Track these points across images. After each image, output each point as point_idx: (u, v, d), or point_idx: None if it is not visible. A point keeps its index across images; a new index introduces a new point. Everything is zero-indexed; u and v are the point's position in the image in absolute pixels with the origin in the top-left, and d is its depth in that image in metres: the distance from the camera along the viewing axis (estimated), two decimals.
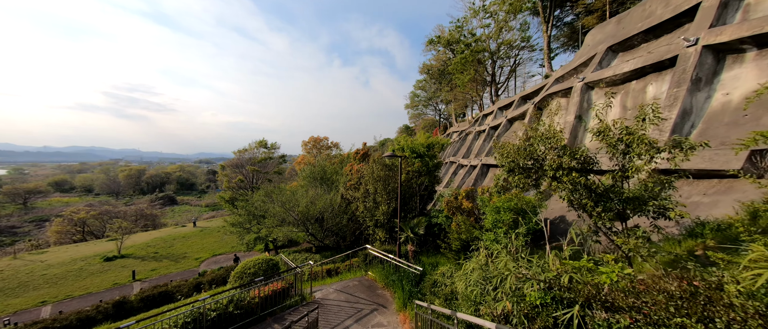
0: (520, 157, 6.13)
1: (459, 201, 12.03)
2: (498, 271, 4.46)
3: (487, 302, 4.30)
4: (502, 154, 6.37)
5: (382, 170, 14.89)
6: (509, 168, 6.57)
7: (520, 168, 6.26)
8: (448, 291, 6.54)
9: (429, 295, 7.60)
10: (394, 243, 14.16)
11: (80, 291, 22.90)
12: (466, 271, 5.63)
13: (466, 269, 5.76)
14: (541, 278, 3.43)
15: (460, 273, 5.77)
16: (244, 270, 10.82)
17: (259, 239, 26.77)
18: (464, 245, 9.46)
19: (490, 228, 7.94)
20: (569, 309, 3.14)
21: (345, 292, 10.22)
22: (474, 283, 4.82)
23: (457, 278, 5.78)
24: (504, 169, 6.70)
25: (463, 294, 5.14)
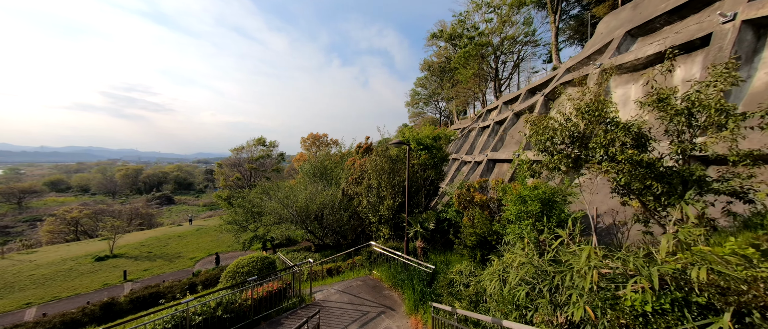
0: (559, 134, 5.17)
1: (471, 193, 11.07)
2: (553, 267, 3.52)
3: (540, 306, 3.37)
4: (538, 132, 5.41)
5: (387, 162, 13.93)
6: (542, 148, 5.61)
7: (558, 148, 5.30)
8: (471, 291, 5.58)
9: (446, 297, 6.65)
10: (399, 241, 13.20)
11: (68, 292, 21.85)
12: (497, 269, 4.69)
13: (495, 266, 4.82)
14: (651, 272, 2.46)
15: (490, 271, 4.83)
16: (237, 269, 9.84)
17: (257, 238, 25.77)
18: (481, 241, 8.50)
19: (514, 220, 6.98)
20: (715, 318, 2.14)
21: (348, 293, 9.25)
22: (517, 283, 3.88)
23: (486, 276, 4.85)
24: (536, 148, 5.73)
25: (497, 295, 4.21)
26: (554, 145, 5.32)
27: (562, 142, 5.23)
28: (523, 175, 7.27)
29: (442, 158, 15.53)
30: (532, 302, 3.64)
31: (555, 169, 5.37)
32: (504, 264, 4.58)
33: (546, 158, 5.52)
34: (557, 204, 6.92)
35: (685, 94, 4.83)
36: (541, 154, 5.64)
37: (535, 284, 3.66)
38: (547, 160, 5.52)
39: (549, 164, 5.41)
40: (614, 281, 2.79)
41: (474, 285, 5.53)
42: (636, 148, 4.59)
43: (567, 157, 5.12)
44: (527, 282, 3.78)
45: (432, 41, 45.97)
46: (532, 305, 3.62)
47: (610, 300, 2.64)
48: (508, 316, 3.80)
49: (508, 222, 7.65)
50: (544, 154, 5.56)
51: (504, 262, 4.60)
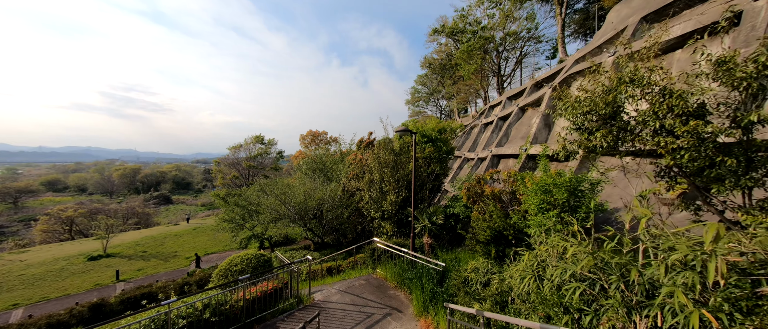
0: (600, 107, 4.42)
1: (482, 186, 10.33)
2: (619, 258, 2.78)
3: (606, 308, 2.65)
4: (573, 105, 4.67)
5: (390, 155, 13.18)
6: (578, 125, 4.86)
7: (599, 123, 4.55)
8: (493, 290, 4.83)
9: (462, 297, 5.90)
10: (403, 238, 12.45)
11: (57, 292, 21.04)
12: (529, 264, 3.96)
13: (526, 261, 4.08)
14: None
15: (519, 266, 4.09)
16: (230, 268, 9.08)
17: (255, 237, 25.01)
18: (495, 235, 7.75)
19: (536, 212, 6.24)
20: None
21: (350, 293, 8.50)
22: (562, 280, 3.14)
23: (515, 273, 4.13)
24: (570, 126, 4.98)
25: (533, 296, 3.48)
26: (592, 120, 4.57)
27: (605, 115, 4.48)
28: (544, 163, 6.54)
29: (447, 151, 14.79)
30: (588, 303, 2.91)
31: (594, 150, 4.62)
32: (538, 258, 3.85)
33: (582, 136, 4.77)
34: (585, 194, 6.18)
35: (750, 55, 4.09)
36: (576, 131, 4.90)
37: (595, 280, 2.92)
38: (583, 139, 4.77)
39: (586, 143, 4.66)
40: (747, 272, 2.07)
41: (498, 284, 4.78)
42: (699, 119, 3.86)
43: (610, 133, 4.37)
44: (581, 278, 3.05)
45: (433, 37, 45.23)
46: (588, 307, 2.89)
47: (747, 301, 1.92)
48: (555, 321, 3.06)
49: (524, 214, 6.91)
50: (580, 132, 4.81)
51: (538, 256, 3.87)
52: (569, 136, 5.07)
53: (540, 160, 6.70)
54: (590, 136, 4.60)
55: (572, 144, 4.89)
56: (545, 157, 6.64)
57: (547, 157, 7.21)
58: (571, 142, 4.92)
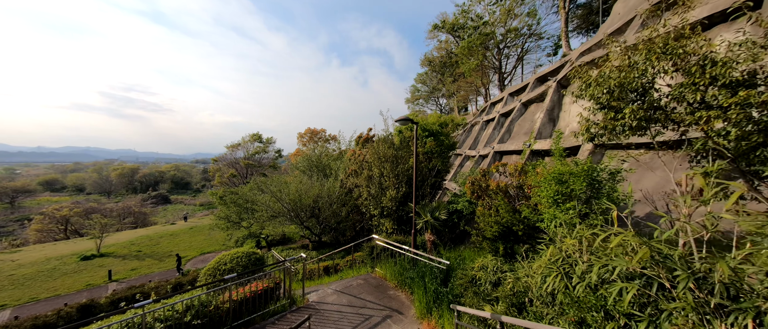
0: (630, 78, 3.85)
1: (487, 180, 9.76)
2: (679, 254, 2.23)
3: (663, 315, 2.09)
4: (598, 81, 4.09)
5: (390, 149, 12.61)
6: (603, 104, 4.29)
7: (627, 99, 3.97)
8: (506, 291, 4.26)
9: (470, 297, 5.34)
10: (404, 235, 11.88)
11: (47, 293, 20.45)
12: (554, 259, 3.39)
13: (550, 256, 3.52)
14: None
15: (541, 264, 3.52)
16: (219, 267, 8.50)
17: (252, 236, 24.45)
18: (504, 231, 7.19)
19: (551, 204, 5.67)
20: None
21: (347, 294, 7.93)
22: (600, 278, 2.57)
23: (534, 270, 3.58)
24: (594, 105, 4.40)
25: (565, 296, 2.92)
26: (618, 97, 4.00)
27: (635, 89, 3.91)
28: (559, 150, 5.97)
29: (449, 146, 14.22)
30: (640, 307, 2.36)
31: (622, 130, 4.05)
32: (563, 253, 3.29)
33: (607, 116, 4.20)
34: (604, 184, 5.61)
35: None
36: (600, 111, 4.32)
37: (651, 277, 2.35)
38: (608, 119, 4.20)
39: (612, 123, 4.09)
40: None
41: (512, 283, 4.22)
42: (750, 88, 3.29)
43: (641, 108, 3.79)
44: (629, 275, 2.48)
45: (433, 34, 44.69)
46: (641, 313, 2.32)
47: None
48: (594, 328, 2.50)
49: (534, 208, 6.33)
50: (605, 111, 4.23)
51: (563, 250, 3.31)
52: (592, 118, 4.49)
53: (555, 147, 6.12)
54: (617, 115, 4.03)
55: (595, 126, 4.32)
56: (560, 147, 6.08)
57: (545, 150, 6.67)
58: (595, 124, 4.35)
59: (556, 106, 18.23)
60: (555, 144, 6.03)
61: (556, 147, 6.02)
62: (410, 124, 9.75)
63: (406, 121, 8.29)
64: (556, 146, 5.99)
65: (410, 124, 8.56)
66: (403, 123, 8.38)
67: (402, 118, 8.26)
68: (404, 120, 8.26)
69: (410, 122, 8.39)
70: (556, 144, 6.04)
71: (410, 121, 8.33)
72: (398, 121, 8.30)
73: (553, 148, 6.14)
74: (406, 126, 14.98)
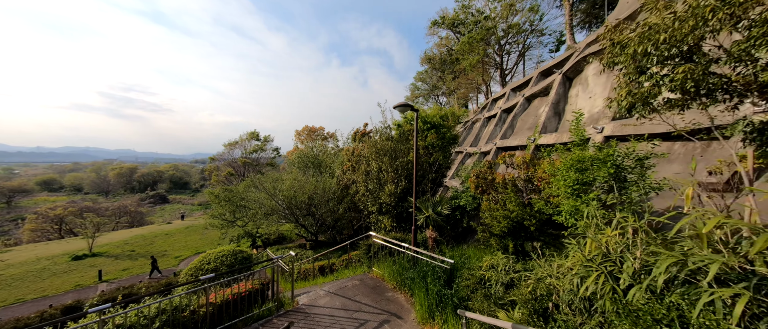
0: (680, 34, 3.13)
1: (492, 173, 9.08)
2: None
3: None
4: (642, 38, 3.37)
5: (388, 141, 11.93)
6: (641, 69, 3.57)
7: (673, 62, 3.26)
8: (525, 294, 3.57)
9: (479, 301, 4.65)
10: (403, 233, 11.18)
11: (34, 294, 19.74)
12: (591, 256, 2.71)
13: (585, 252, 2.82)
14: None
15: (573, 262, 2.82)
16: (201, 266, 7.82)
17: (247, 235, 23.76)
18: (514, 227, 6.49)
19: (570, 194, 4.98)
20: None
21: (341, 296, 7.23)
22: (685, 279, 1.88)
23: (562, 271, 2.90)
24: (630, 72, 3.69)
25: (614, 303, 2.22)
26: (666, 57, 3.28)
27: (681, 51, 3.20)
28: (579, 132, 5.26)
29: (451, 139, 13.52)
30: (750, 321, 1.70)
31: (676, 104, 3.33)
32: (602, 248, 2.60)
33: (650, 81, 3.48)
34: (631, 171, 4.91)
35: None
36: (641, 75, 3.60)
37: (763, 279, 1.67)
38: (649, 85, 3.48)
39: (655, 90, 3.38)
40: None
41: (533, 285, 3.52)
42: None
43: (696, 69, 3.07)
44: (721, 277, 1.80)
45: (433, 30, 43.99)
46: None
47: None
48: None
49: (547, 201, 5.64)
50: (644, 77, 3.52)
51: (603, 245, 2.62)
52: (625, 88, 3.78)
53: (575, 130, 5.40)
54: (663, 79, 3.31)
55: (633, 96, 3.61)
56: (581, 130, 5.36)
57: (551, 144, 6.00)
58: (632, 93, 3.63)
59: (561, 99, 17.54)
60: (575, 126, 5.33)
61: (575, 130, 5.31)
62: (410, 113, 9.04)
63: (406, 107, 7.59)
64: (576, 129, 5.29)
65: (410, 111, 7.86)
66: (403, 109, 7.67)
67: (401, 104, 7.55)
68: (403, 106, 7.55)
69: (410, 108, 7.68)
70: (576, 125, 5.34)
71: (410, 107, 7.63)
72: (397, 108, 7.60)
73: (571, 130, 5.42)
74: (406, 118, 14.28)
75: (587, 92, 15.50)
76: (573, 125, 5.33)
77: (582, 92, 16.01)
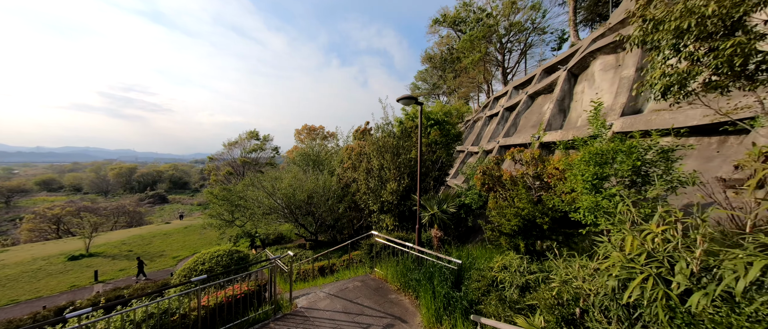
0: (730, 5, 2.76)
1: (499, 169, 8.72)
2: None
3: None
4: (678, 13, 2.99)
5: (390, 138, 11.56)
6: (676, 47, 3.21)
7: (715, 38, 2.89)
8: (547, 297, 3.20)
9: (493, 305, 4.28)
10: (406, 232, 10.81)
11: (29, 294, 19.37)
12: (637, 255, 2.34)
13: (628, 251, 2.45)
14: None
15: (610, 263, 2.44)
16: (195, 267, 7.45)
17: (246, 235, 23.39)
18: (525, 225, 6.12)
19: (589, 190, 4.61)
20: None
21: (342, 298, 6.85)
22: None
23: (599, 272, 2.54)
24: (665, 47, 3.32)
25: (668, 309, 1.85)
26: (710, 32, 2.91)
27: (724, 26, 2.83)
28: (599, 123, 4.90)
29: (454, 137, 13.16)
30: None
31: (720, 85, 2.97)
32: (645, 247, 2.24)
33: (686, 63, 3.11)
34: (655, 164, 4.55)
35: None
36: (676, 55, 3.23)
37: None
38: (687, 65, 3.11)
39: (697, 69, 3.01)
40: None
41: (558, 287, 3.15)
42: None
43: (749, 43, 2.70)
44: None
45: (434, 28, 43.63)
46: None
47: None
48: None
49: (561, 198, 5.27)
50: (684, 52, 3.14)
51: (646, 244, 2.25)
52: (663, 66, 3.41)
53: (593, 119, 5.03)
54: (705, 57, 2.94)
55: (669, 77, 3.24)
56: (601, 121, 4.98)
57: (556, 142, 5.65)
58: (668, 75, 3.26)
59: (566, 96, 17.20)
60: (593, 116, 4.96)
61: (594, 121, 4.94)
62: (413, 107, 8.68)
63: (410, 100, 7.23)
64: (594, 120, 4.92)
65: (414, 104, 7.49)
66: (406, 102, 7.31)
67: (405, 97, 7.19)
68: (407, 98, 7.19)
69: (414, 101, 7.33)
70: (595, 116, 4.97)
71: (414, 100, 7.27)
72: (401, 100, 7.24)
73: (590, 119, 5.05)
74: (408, 115, 13.90)
75: (593, 88, 15.14)
76: (591, 116, 4.96)
77: (588, 88, 15.65)
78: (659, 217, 2.48)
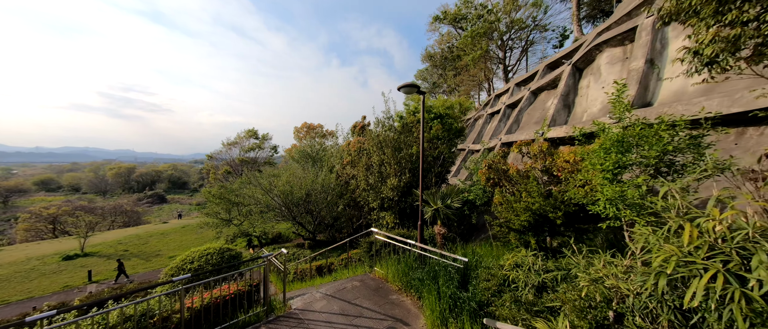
0: None
1: (505, 163, 8.31)
2: None
3: None
4: None
5: (390, 131, 11.13)
6: (720, 11, 2.77)
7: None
8: (576, 298, 2.77)
9: (506, 306, 3.85)
10: (407, 230, 10.37)
11: (21, 295, 18.91)
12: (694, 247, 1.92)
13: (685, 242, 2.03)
14: None
15: (671, 255, 2.00)
16: (184, 265, 7.01)
17: (243, 234, 22.93)
18: (537, 220, 5.69)
19: (611, 179, 4.19)
20: None
21: (339, 298, 6.42)
22: None
23: (650, 267, 2.12)
24: (707, 12, 2.88)
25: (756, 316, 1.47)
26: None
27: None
28: (622, 107, 4.45)
29: (457, 131, 12.70)
30: None
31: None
32: (713, 236, 1.81)
33: (735, 29, 2.67)
34: (683, 151, 4.11)
35: None
36: (721, 19, 2.79)
37: None
38: (738, 29, 2.67)
39: (749, 32, 2.57)
40: None
41: (587, 287, 2.70)
42: None
43: None
44: None
45: (434, 25, 43.21)
46: None
47: None
48: None
49: (575, 190, 4.81)
50: (732, 15, 2.70)
51: (710, 230, 1.83)
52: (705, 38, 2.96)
53: (616, 100, 4.58)
54: (764, 16, 2.50)
55: (720, 42, 2.80)
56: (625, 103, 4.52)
57: (561, 138, 5.22)
58: (719, 40, 2.82)
59: (571, 91, 16.77)
60: (617, 99, 4.50)
61: (617, 105, 4.48)
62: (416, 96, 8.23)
63: (412, 87, 6.79)
64: (618, 102, 4.46)
65: (416, 92, 7.05)
66: (408, 90, 6.87)
67: (407, 84, 6.76)
68: (410, 86, 6.76)
69: (417, 89, 6.90)
70: (618, 98, 4.51)
71: (416, 87, 6.84)
72: (403, 88, 6.80)
73: (612, 101, 4.59)
74: (409, 110, 13.46)
75: (600, 82, 14.71)
76: (614, 99, 4.52)
77: (594, 82, 15.22)
78: (714, 203, 2.04)
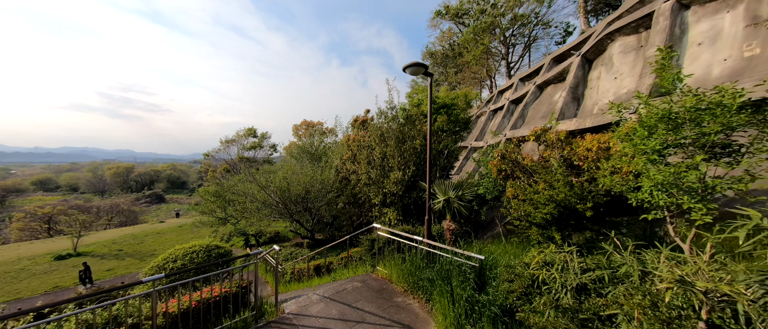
0: None
1: (519, 152, 7.66)
2: None
3: None
4: None
5: (393, 122, 10.46)
6: None
7: None
8: (642, 303, 2.11)
9: (539, 314, 3.18)
10: (412, 226, 9.68)
11: (9, 296, 18.23)
12: None
13: None
14: None
15: None
16: (166, 264, 6.32)
17: (241, 233, 22.28)
18: (561, 214, 5.01)
19: (655, 160, 3.54)
20: None
21: (338, 301, 5.74)
22: None
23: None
24: None
25: None
26: None
27: None
28: (672, 76, 3.76)
29: (463, 123, 12.03)
30: None
31: None
32: None
33: None
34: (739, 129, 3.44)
35: None
36: None
37: None
38: None
39: None
40: None
41: (669, 288, 2.04)
42: None
43: None
44: None
45: (435, 21, 42.49)
46: None
47: None
48: None
49: (603, 179, 4.13)
50: None
51: None
52: None
53: (662, 81, 3.90)
54: None
55: None
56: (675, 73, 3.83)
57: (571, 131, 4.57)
58: None
59: (580, 83, 16.09)
60: (663, 66, 3.82)
61: (665, 76, 3.79)
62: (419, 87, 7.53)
63: (419, 67, 6.12)
64: (666, 70, 3.77)
65: (423, 73, 6.39)
66: (415, 70, 6.20)
67: (413, 64, 6.08)
68: (416, 66, 6.09)
69: (424, 69, 6.22)
70: (666, 61, 3.82)
71: (423, 67, 6.16)
72: (408, 68, 6.13)
73: (657, 70, 3.90)
74: (412, 102, 12.78)
75: (611, 73, 14.05)
76: (659, 67, 3.83)
77: (605, 73, 14.55)
78: None
